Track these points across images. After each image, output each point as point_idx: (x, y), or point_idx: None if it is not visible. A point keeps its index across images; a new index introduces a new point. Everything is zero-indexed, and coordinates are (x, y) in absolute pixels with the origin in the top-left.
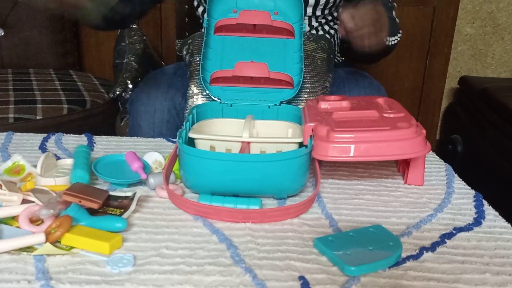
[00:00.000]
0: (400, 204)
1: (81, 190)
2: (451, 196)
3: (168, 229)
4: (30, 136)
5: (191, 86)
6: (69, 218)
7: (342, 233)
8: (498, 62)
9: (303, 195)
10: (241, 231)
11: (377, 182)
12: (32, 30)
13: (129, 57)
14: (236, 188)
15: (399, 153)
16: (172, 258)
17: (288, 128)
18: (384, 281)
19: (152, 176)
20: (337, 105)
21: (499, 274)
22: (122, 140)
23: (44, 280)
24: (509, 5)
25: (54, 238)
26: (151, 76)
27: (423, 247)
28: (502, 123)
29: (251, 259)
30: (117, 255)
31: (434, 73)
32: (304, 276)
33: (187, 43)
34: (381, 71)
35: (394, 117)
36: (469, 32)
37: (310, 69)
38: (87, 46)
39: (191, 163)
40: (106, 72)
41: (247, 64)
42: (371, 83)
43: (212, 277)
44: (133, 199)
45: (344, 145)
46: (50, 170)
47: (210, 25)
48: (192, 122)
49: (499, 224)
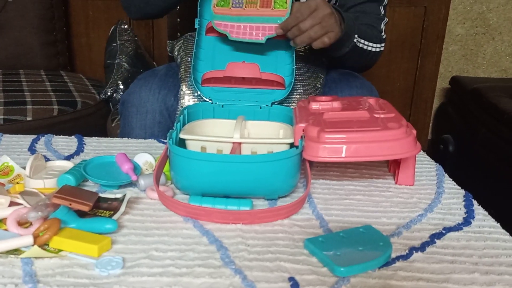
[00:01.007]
0: (391, 204)
1: (71, 192)
2: (441, 196)
3: (158, 231)
4: (19, 138)
5: (182, 87)
6: (58, 220)
7: (332, 234)
8: (489, 62)
9: (294, 195)
10: (232, 232)
11: (368, 183)
12: (23, 31)
13: (120, 57)
14: (227, 189)
15: (389, 153)
16: (161, 260)
17: (280, 129)
18: (373, 281)
19: (142, 177)
20: (328, 106)
21: (488, 274)
22: (112, 141)
23: (31, 284)
24: (499, 6)
25: (42, 241)
26: (142, 77)
27: (412, 247)
28: (493, 123)
29: (241, 261)
30: (106, 257)
31: (425, 73)
32: (294, 277)
33: (178, 44)
34: (373, 72)
35: (385, 117)
36: (460, 33)
37: (302, 69)
38: (78, 46)
39: (182, 164)
40: (97, 73)
41: (238, 64)
42: (363, 84)
43: (201, 279)
44: (123, 200)
45: (335, 145)
46: (39, 172)
47: (201, 26)
48: (183, 123)
49: (488, 224)
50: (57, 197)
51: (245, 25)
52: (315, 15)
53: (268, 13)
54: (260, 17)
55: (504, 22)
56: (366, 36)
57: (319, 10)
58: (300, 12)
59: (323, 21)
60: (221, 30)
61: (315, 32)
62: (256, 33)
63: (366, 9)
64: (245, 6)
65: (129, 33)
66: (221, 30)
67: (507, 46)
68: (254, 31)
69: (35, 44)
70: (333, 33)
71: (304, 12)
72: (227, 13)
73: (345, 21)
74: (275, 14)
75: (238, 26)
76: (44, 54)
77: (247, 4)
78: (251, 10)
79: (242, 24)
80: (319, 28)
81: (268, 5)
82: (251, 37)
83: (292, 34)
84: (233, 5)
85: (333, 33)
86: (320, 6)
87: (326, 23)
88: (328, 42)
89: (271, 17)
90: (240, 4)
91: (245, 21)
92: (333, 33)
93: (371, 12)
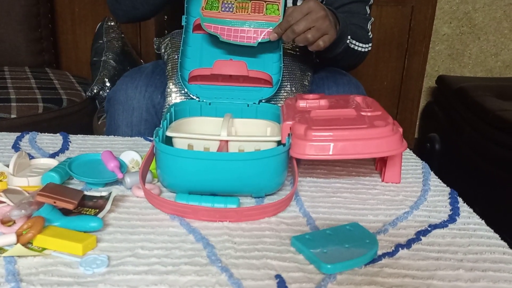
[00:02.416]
0: (377, 201)
1: (55, 190)
2: (427, 193)
3: (144, 229)
4: (3, 135)
5: (169, 84)
6: (41, 219)
7: (319, 231)
8: (475, 62)
9: (281, 193)
10: (218, 230)
11: (355, 180)
12: (7, 27)
13: (107, 54)
14: (213, 187)
15: (376, 151)
16: (147, 258)
17: (267, 127)
18: (360, 278)
19: (128, 175)
20: (315, 104)
21: (472, 270)
22: (98, 139)
23: (14, 283)
24: (485, 6)
25: (25, 239)
26: (128, 74)
27: (398, 244)
28: (478, 122)
29: (227, 258)
30: (91, 256)
31: (412, 72)
32: (280, 274)
33: (165, 41)
34: (360, 70)
35: (371, 115)
36: (447, 32)
37: (289, 67)
38: (64, 43)
39: (168, 162)
40: (83, 70)
41: (226, 62)
42: (350, 81)
43: (187, 277)
44: (109, 199)
45: (322, 143)
46: (23, 169)
47: (189, 23)
48: (170, 121)
49: (473, 221)
50: (41, 195)
51: (235, 28)
52: (309, 17)
53: (260, 18)
54: (251, 22)
55: (490, 22)
56: (357, 37)
57: (312, 13)
58: (292, 16)
59: (318, 23)
60: (211, 31)
61: (312, 35)
62: (247, 37)
63: (353, 9)
64: (236, 11)
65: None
66: (212, 32)
67: (492, 46)
68: (246, 34)
69: (20, 41)
70: (328, 35)
71: (296, 16)
72: (216, 16)
73: (340, 22)
74: (267, 19)
75: (228, 29)
76: (29, 51)
77: (238, 9)
78: (242, 15)
79: (232, 28)
80: (315, 31)
81: (260, 10)
82: (242, 40)
83: (287, 37)
84: (223, 9)
85: (328, 36)
86: (313, 8)
87: (321, 26)
88: (323, 46)
89: (263, 22)
90: (230, 9)
91: (236, 24)
92: (327, 35)
93: (358, 12)
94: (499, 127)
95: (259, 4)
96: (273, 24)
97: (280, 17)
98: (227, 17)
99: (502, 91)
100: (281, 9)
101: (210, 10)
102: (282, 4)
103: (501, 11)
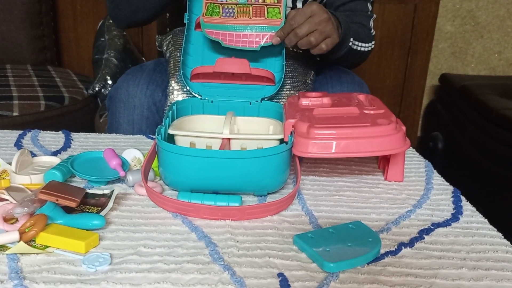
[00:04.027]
0: (380, 200)
1: (57, 188)
2: (430, 192)
3: (146, 227)
4: (5, 133)
5: (171, 82)
6: (44, 216)
7: (322, 230)
8: (478, 60)
9: (283, 191)
10: (221, 229)
11: (358, 179)
12: (9, 25)
13: (109, 52)
14: (216, 185)
15: (378, 149)
16: (150, 256)
17: (269, 125)
18: (362, 277)
19: (130, 173)
20: (318, 102)
21: (475, 269)
22: (100, 137)
23: (17, 280)
24: (488, 4)
25: (28, 237)
26: (130, 72)
27: (401, 242)
28: (481, 121)
29: (230, 257)
30: (93, 253)
31: (415, 71)
32: (283, 273)
33: (167, 39)
34: (363, 69)
35: (374, 113)
36: (450, 30)
37: (292, 65)
38: (66, 41)
39: (170, 160)
40: (85, 68)
41: (228, 60)
42: (353, 79)
43: (190, 275)
44: (111, 196)
45: (324, 141)
46: (25, 167)
47: (191, 21)
48: (172, 119)
49: (476, 220)
50: (43, 193)
51: (237, 33)
52: (311, 20)
53: (262, 22)
54: (252, 26)
55: (493, 20)
56: (359, 37)
57: (315, 16)
58: (295, 19)
59: (321, 26)
60: (213, 37)
61: (315, 39)
62: (250, 41)
63: (355, 7)
64: (237, 16)
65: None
66: (213, 38)
67: (496, 44)
68: (248, 39)
69: (22, 39)
70: (331, 39)
71: (299, 19)
72: (217, 22)
73: (342, 25)
74: (269, 23)
75: (230, 34)
76: (31, 48)
77: (239, 13)
78: (243, 19)
79: (234, 33)
80: (318, 34)
81: (261, 14)
82: (245, 45)
83: (290, 41)
84: (223, 14)
85: (331, 39)
86: (316, 12)
87: (324, 29)
88: (325, 49)
89: (264, 26)
90: (231, 14)
91: (237, 29)
92: (330, 39)
93: (360, 10)
94: (502, 126)
95: (260, 8)
96: (275, 28)
97: (282, 20)
98: (228, 22)
99: (505, 89)
100: (282, 12)
101: (211, 16)
102: (284, 7)
103: (504, 9)
